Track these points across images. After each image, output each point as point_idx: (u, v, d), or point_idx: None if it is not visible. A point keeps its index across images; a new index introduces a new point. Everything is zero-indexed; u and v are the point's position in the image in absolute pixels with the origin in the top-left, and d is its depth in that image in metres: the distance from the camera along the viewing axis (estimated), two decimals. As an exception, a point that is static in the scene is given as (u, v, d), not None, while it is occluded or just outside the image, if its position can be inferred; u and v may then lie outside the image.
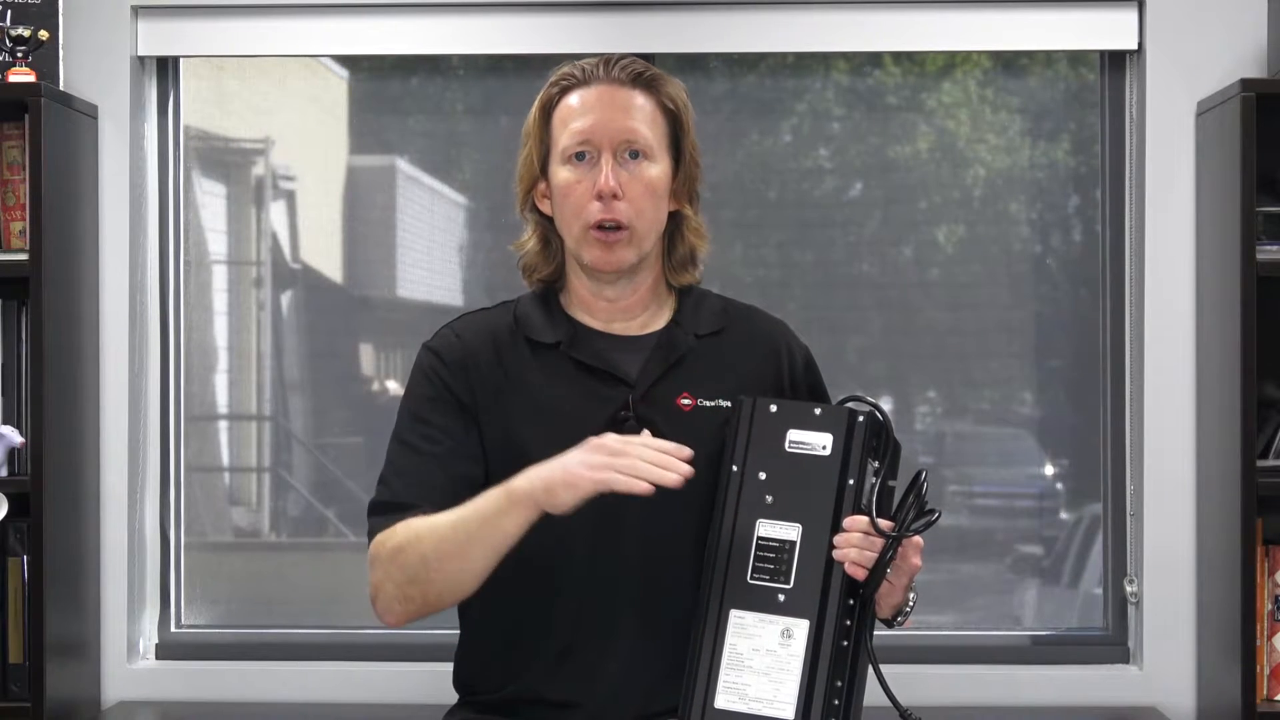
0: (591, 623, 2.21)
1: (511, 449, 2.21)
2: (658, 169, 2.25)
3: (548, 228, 2.31)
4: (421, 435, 2.25)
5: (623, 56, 2.28)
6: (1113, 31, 3.28)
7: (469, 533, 2.10)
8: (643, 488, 2.01)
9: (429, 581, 2.14)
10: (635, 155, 2.24)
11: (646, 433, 2.13)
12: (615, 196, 2.21)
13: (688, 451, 2.05)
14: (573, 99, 2.26)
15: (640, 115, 2.25)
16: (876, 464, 2.15)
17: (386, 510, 2.22)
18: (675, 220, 2.31)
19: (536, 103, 2.30)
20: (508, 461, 2.19)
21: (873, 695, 2.17)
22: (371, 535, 2.22)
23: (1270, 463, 3.05)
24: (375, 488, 2.28)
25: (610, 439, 2.07)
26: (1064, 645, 3.36)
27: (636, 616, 2.21)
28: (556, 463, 2.07)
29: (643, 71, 2.27)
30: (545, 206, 2.30)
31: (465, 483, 2.20)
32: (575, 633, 2.21)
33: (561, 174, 2.25)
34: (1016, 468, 3.56)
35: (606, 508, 2.16)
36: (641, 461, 2.03)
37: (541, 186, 2.30)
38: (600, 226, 2.22)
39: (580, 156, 2.24)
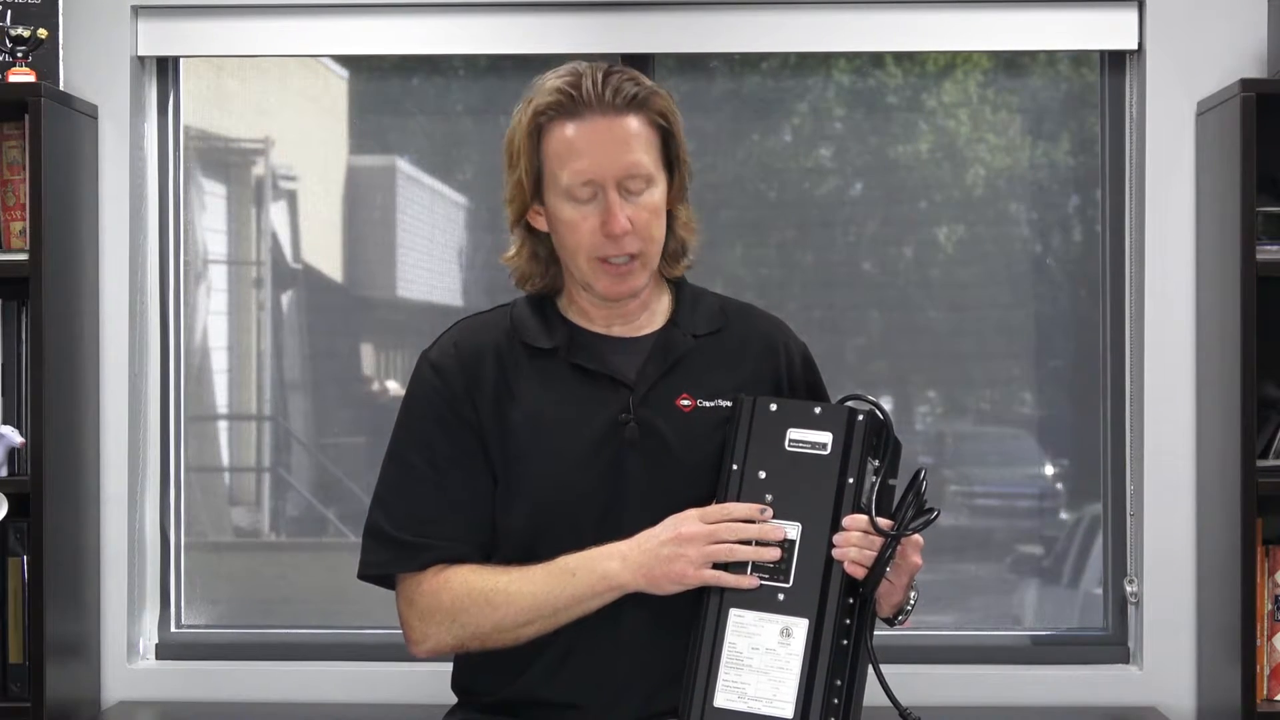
0: (592, 624, 2.19)
1: (512, 457, 2.22)
2: (659, 190, 2.22)
3: (537, 243, 2.28)
4: (424, 459, 2.24)
5: (610, 72, 2.21)
6: (1113, 31, 3.28)
7: (555, 609, 2.17)
8: (751, 583, 2.11)
9: (498, 641, 2.21)
10: (638, 184, 2.20)
11: (737, 507, 2.15)
12: (626, 233, 2.19)
13: (770, 517, 2.14)
14: (569, 131, 2.19)
15: (638, 144, 2.20)
16: (876, 463, 2.14)
17: (398, 546, 2.23)
18: (669, 218, 2.29)
19: (524, 124, 2.22)
20: (509, 469, 2.20)
21: (872, 695, 2.17)
22: (375, 566, 2.25)
23: (1270, 463, 3.05)
24: (371, 508, 2.27)
25: (694, 527, 2.13)
26: (1064, 645, 3.36)
27: (637, 617, 2.20)
28: (653, 552, 2.13)
29: (635, 93, 2.20)
30: (539, 224, 2.26)
31: (467, 508, 2.22)
32: (576, 634, 2.20)
33: (565, 210, 2.20)
34: (1016, 468, 3.56)
35: (608, 510, 2.17)
36: (738, 545, 2.12)
37: (535, 207, 2.26)
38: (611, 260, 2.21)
39: (584, 193, 2.20)
